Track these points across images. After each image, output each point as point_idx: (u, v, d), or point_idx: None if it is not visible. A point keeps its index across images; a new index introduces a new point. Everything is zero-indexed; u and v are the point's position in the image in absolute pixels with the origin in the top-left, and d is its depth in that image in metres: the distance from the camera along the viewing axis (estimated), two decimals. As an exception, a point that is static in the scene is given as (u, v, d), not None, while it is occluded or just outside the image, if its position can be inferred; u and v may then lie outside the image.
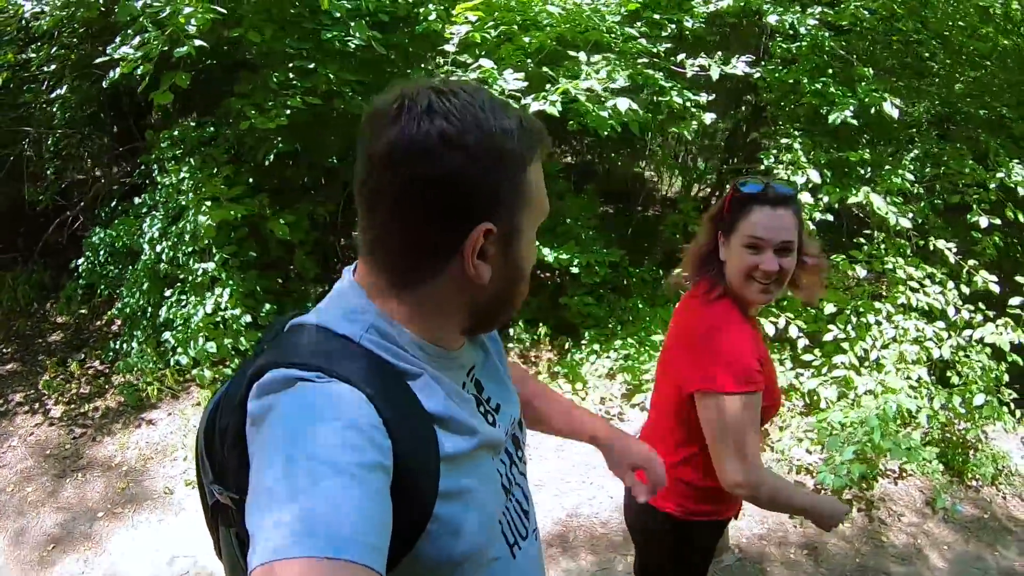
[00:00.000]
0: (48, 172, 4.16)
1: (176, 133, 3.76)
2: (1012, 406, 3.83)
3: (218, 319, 3.60)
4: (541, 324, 4.15)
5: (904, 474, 3.83)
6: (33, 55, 3.95)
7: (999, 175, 3.52)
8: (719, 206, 1.57)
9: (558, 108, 3.24)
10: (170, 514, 3.13)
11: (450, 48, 3.25)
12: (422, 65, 3.57)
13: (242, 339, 3.60)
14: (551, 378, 4.06)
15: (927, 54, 4.19)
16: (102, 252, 3.95)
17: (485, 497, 0.80)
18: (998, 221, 3.61)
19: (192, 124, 3.80)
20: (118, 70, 3.10)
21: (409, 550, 0.70)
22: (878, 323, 3.66)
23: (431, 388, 0.75)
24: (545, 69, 3.38)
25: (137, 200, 4.01)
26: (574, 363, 3.94)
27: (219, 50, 3.98)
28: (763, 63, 3.81)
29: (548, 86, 3.28)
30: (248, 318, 3.62)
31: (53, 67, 3.83)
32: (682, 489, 1.58)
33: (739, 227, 1.47)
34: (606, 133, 3.52)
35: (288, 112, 3.26)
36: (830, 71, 3.73)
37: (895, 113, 3.25)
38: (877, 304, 3.68)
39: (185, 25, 2.87)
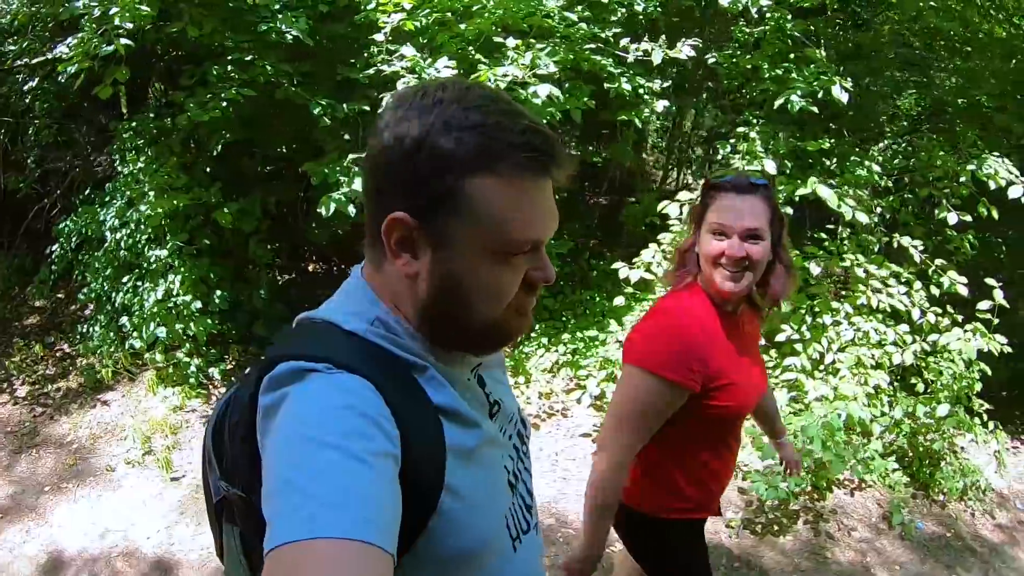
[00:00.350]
0: (29, 161, 4.48)
1: (135, 124, 3.98)
2: (984, 417, 3.65)
3: (170, 305, 3.82)
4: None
5: (863, 485, 3.71)
6: (13, 48, 4.25)
7: (970, 167, 3.34)
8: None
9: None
10: (109, 491, 3.37)
11: (379, 37, 3.32)
12: (365, 55, 3.64)
13: (192, 324, 3.81)
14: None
15: (918, 44, 4.01)
16: (74, 239, 4.24)
17: (491, 492, 0.81)
18: (968, 218, 3.43)
19: (151, 116, 4.01)
20: (71, 68, 3.32)
21: (411, 544, 0.71)
22: (835, 324, 3.55)
23: (437, 381, 0.77)
24: (478, 56, 3.41)
25: (108, 188, 4.27)
26: (522, 356, 3.98)
27: (186, 43, 4.18)
28: (719, 49, 3.72)
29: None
30: (199, 304, 3.83)
31: (26, 60, 4.11)
32: (651, 486, 1.60)
33: (707, 215, 1.49)
34: (546, 121, 3.53)
35: (225, 104, 3.42)
36: (792, 56, 3.60)
37: (844, 98, 3.13)
38: (835, 304, 3.56)
39: (121, 23, 3.05)
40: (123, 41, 3.00)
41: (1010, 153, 3.58)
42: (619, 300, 3.58)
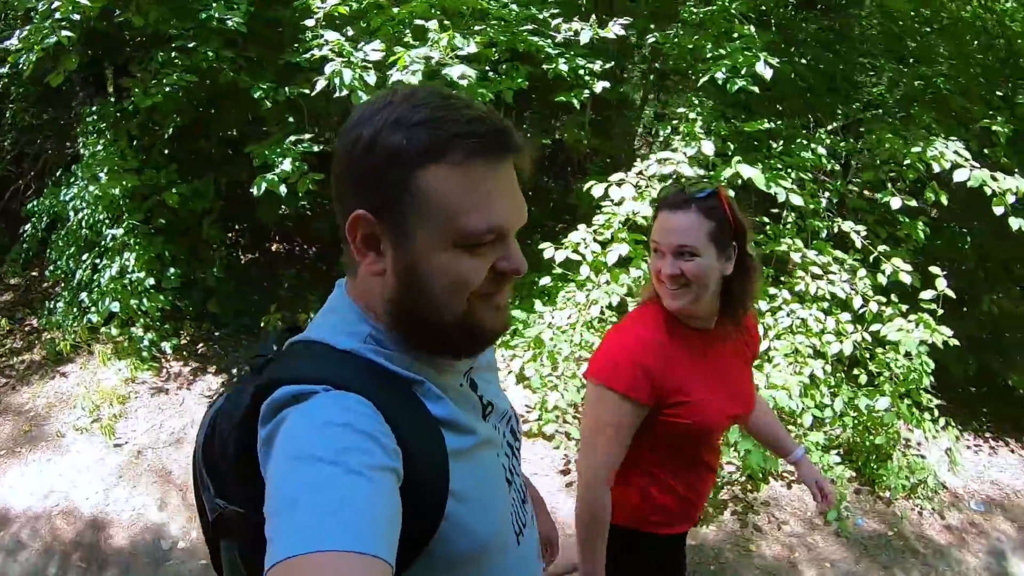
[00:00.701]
0: (5, 143, 5.02)
1: (96, 108, 4.44)
2: (935, 412, 3.73)
3: (125, 281, 4.27)
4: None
5: (802, 478, 3.84)
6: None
7: (915, 150, 3.43)
8: None
9: (419, 78, 3.56)
10: (57, 455, 3.83)
11: (310, 23, 3.64)
12: (304, 38, 3.97)
13: (145, 300, 4.25)
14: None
15: (895, 28, 4.09)
16: (44, 219, 4.74)
17: (493, 491, 0.90)
18: (913, 202, 3.53)
19: (111, 100, 4.46)
20: (24, 59, 3.77)
21: (422, 550, 0.78)
22: (773, 311, 3.70)
23: (434, 394, 0.84)
24: (410, 40, 3.70)
25: (74, 170, 4.76)
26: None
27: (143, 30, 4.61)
28: (663, 30, 3.90)
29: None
30: (152, 281, 4.27)
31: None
32: (630, 499, 1.68)
33: (651, 232, 1.60)
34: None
35: (168, 89, 3.82)
36: (735, 36, 3.76)
37: (768, 74, 3.29)
38: (772, 290, 3.71)
39: (64, 15, 3.46)
40: (64, 33, 3.40)
41: (970, 139, 3.65)
42: (546, 280, 3.84)
